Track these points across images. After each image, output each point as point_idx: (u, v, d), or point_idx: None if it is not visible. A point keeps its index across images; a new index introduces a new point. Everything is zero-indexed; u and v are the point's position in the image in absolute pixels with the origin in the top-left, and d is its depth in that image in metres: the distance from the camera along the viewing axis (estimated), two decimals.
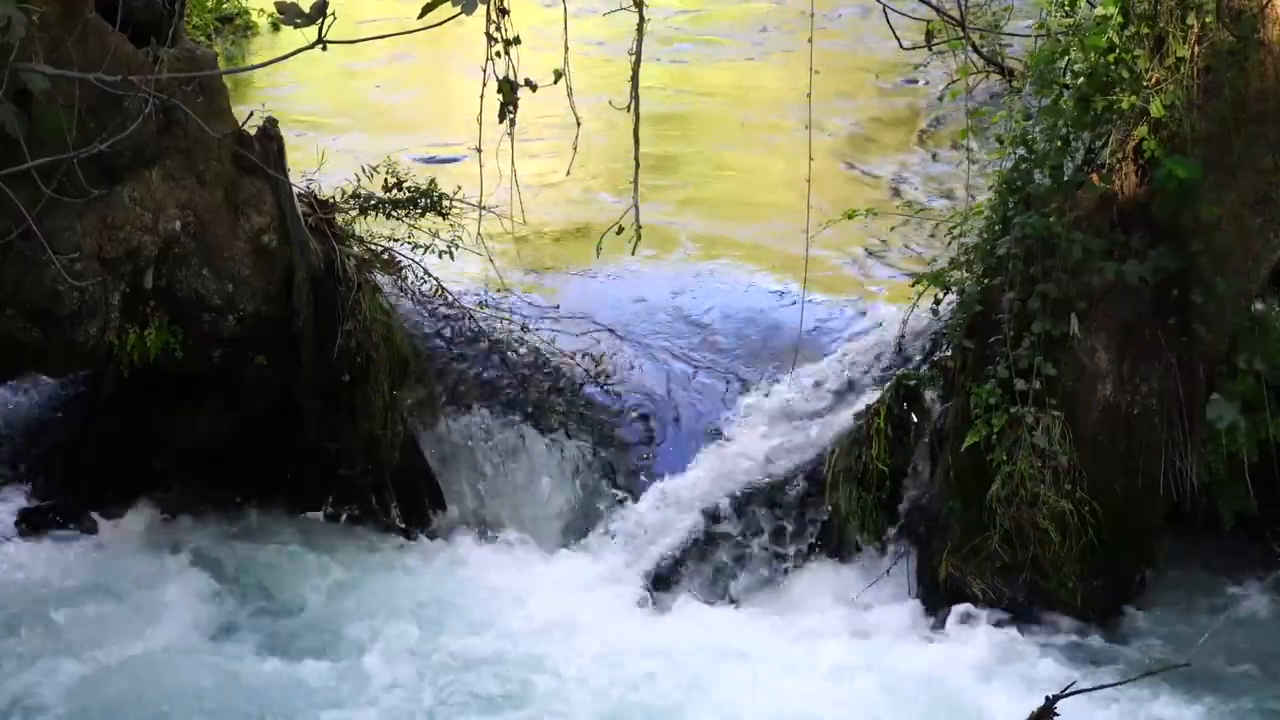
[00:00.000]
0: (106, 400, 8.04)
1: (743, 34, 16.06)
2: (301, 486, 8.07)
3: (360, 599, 7.37)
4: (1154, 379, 7.02)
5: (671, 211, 10.47)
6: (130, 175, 6.99)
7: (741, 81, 14.48)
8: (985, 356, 7.12)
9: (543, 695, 6.66)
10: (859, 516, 7.60)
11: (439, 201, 8.23)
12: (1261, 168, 6.86)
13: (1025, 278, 7.04)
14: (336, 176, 8.32)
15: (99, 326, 6.96)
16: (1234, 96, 6.74)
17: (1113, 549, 7.07)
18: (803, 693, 6.67)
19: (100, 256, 6.90)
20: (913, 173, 11.57)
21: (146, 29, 7.04)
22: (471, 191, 7.32)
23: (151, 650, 6.90)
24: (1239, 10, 6.71)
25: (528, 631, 7.11)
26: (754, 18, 16.59)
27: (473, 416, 8.21)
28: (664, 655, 6.95)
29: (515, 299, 8.85)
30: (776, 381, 8.37)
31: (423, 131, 12.17)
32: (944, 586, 7.20)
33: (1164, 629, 7.11)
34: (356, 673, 6.78)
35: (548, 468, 8.16)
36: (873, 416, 7.67)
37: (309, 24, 3.76)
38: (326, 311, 7.63)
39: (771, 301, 9.15)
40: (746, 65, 15.04)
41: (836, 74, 13.36)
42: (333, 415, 7.79)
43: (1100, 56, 6.92)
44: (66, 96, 6.34)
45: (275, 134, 7.59)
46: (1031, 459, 6.91)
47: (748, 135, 12.53)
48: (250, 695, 6.62)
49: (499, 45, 5.67)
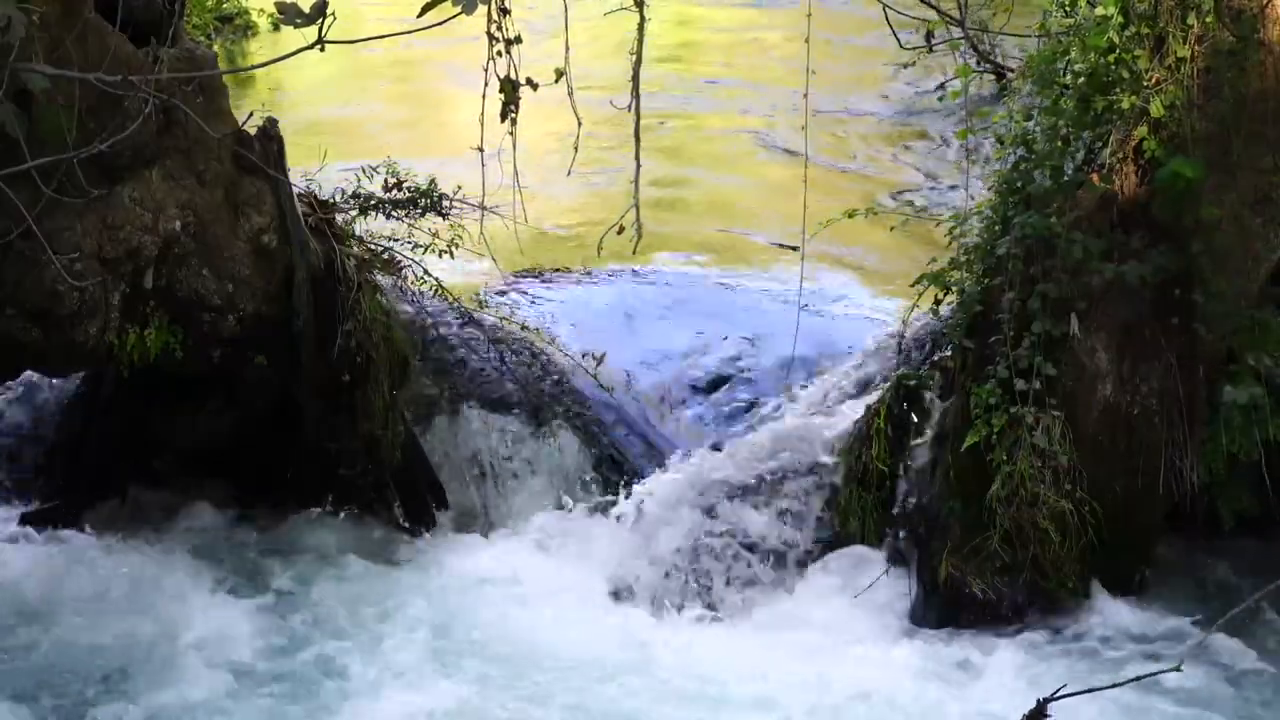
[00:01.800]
0: (106, 400, 8.04)
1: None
2: (302, 486, 8.06)
3: (361, 598, 7.36)
4: (1154, 379, 7.02)
5: (673, 211, 10.49)
6: (130, 175, 6.99)
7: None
8: (985, 356, 7.12)
9: (543, 694, 6.66)
10: (859, 516, 7.60)
11: (439, 201, 8.23)
12: (1261, 168, 6.86)
13: (1025, 278, 7.04)
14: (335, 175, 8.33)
15: (99, 326, 6.96)
16: (1234, 96, 6.74)
17: (1113, 549, 7.06)
18: (801, 693, 6.67)
19: (100, 256, 6.90)
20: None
21: (146, 29, 7.04)
22: (471, 192, 7.32)
23: (151, 650, 6.89)
24: (1239, 10, 6.71)
25: (528, 631, 7.11)
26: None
27: (473, 416, 8.21)
28: (663, 656, 6.95)
29: (515, 298, 8.86)
30: (776, 381, 8.37)
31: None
32: (944, 586, 7.19)
33: (1164, 629, 7.10)
34: (357, 672, 6.78)
35: (548, 467, 8.17)
36: (873, 416, 7.67)
37: (309, 24, 3.76)
38: (326, 311, 7.63)
39: (772, 301, 9.16)
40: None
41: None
42: (333, 415, 7.78)
43: (1100, 56, 6.92)
44: (66, 96, 6.34)
45: (275, 134, 7.59)
46: (1031, 459, 6.91)
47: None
48: (250, 695, 6.62)
49: (499, 45, 5.67)
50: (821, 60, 10.91)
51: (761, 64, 14.87)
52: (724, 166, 12.03)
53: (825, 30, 14.09)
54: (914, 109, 13.11)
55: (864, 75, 13.80)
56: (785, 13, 15.16)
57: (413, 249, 8.27)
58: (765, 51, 14.67)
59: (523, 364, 8.43)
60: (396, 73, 14.97)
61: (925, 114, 12.82)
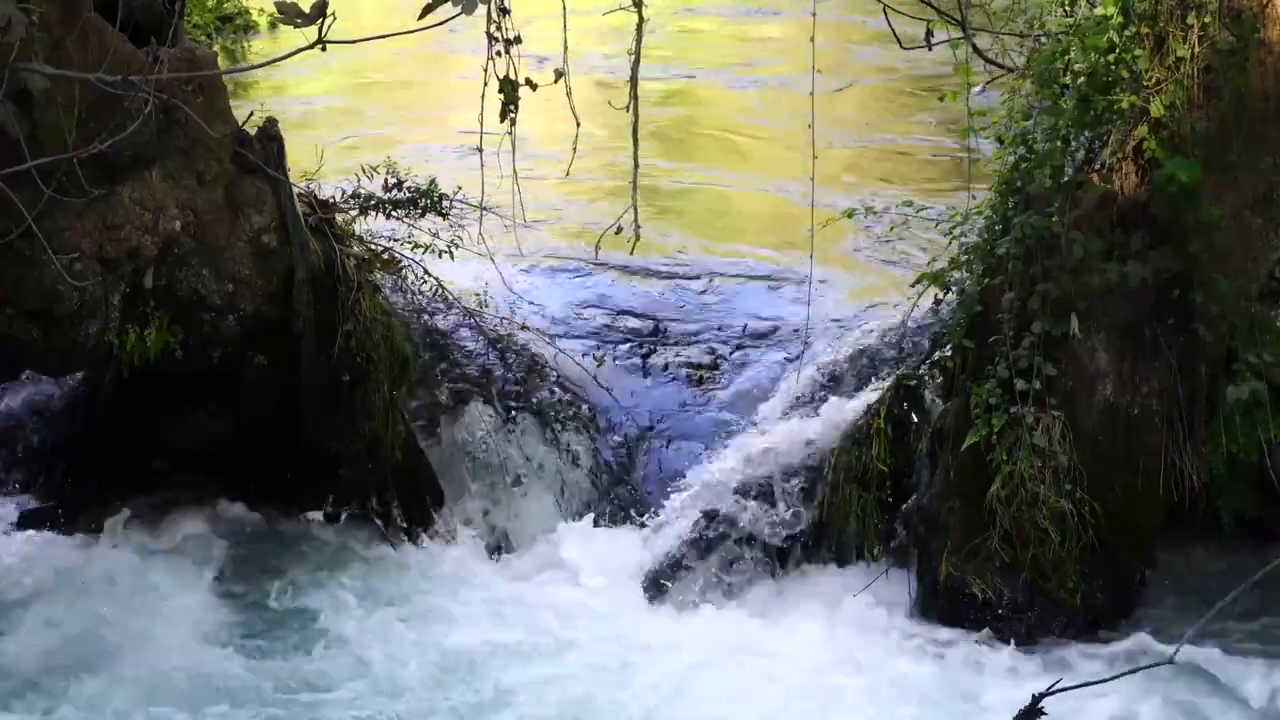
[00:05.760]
0: (106, 400, 8.04)
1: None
2: (302, 486, 8.06)
3: (361, 598, 7.36)
4: (1154, 379, 7.02)
5: (672, 211, 10.48)
6: (130, 175, 6.99)
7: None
8: (985, 356, 7.12)
9: (543, 694, 6.66)
10: (859, 516, 7.60)
11: (439, 201, 8.23)
12: (1261, 168, 6.86)
13: (1025, 278, 7.03)
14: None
15: (99, 326, 6.96)
16: (1234, 96, 6.73)
17: (1113, 549, 7.06)
18: (801, 692, 6.67)
19: (100, 256, 6.90)
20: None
21: (146, 29, 7.04)
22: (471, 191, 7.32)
23: (151, 650, 6.89)
24: (1239, 10, 6.71)
25: (529, 631, 7.11)
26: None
27: (473, 416, 8.21)
28: (664, 655, 6.96)
29: (515, 298, 8.85)
30: (777, 381, 8.37)
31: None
32: (944, 586, 7.20)
33: (1163, 629, 7.10)
34: (357, 672, 6.79)
35: (548, 467, 8.17)
36: (873, 416, 7.68)
37: (309, 24, 3.76)
38: (326, 311, 7.63)
39: (774, 300, 9.15)
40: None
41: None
42: (333, 415, 7.78)
43: (1100, 56, 6.92)
44: (66, 96, 6.34)
45: (275, 134, 7.59)
46: (1031, 459, 6.90)
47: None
48: (251, 695, 6.62)
49: (499, 45, 5.67)
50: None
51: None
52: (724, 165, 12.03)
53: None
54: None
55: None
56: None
57: (413, 249, 8.27)
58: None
59: (522, 363, 8.43)
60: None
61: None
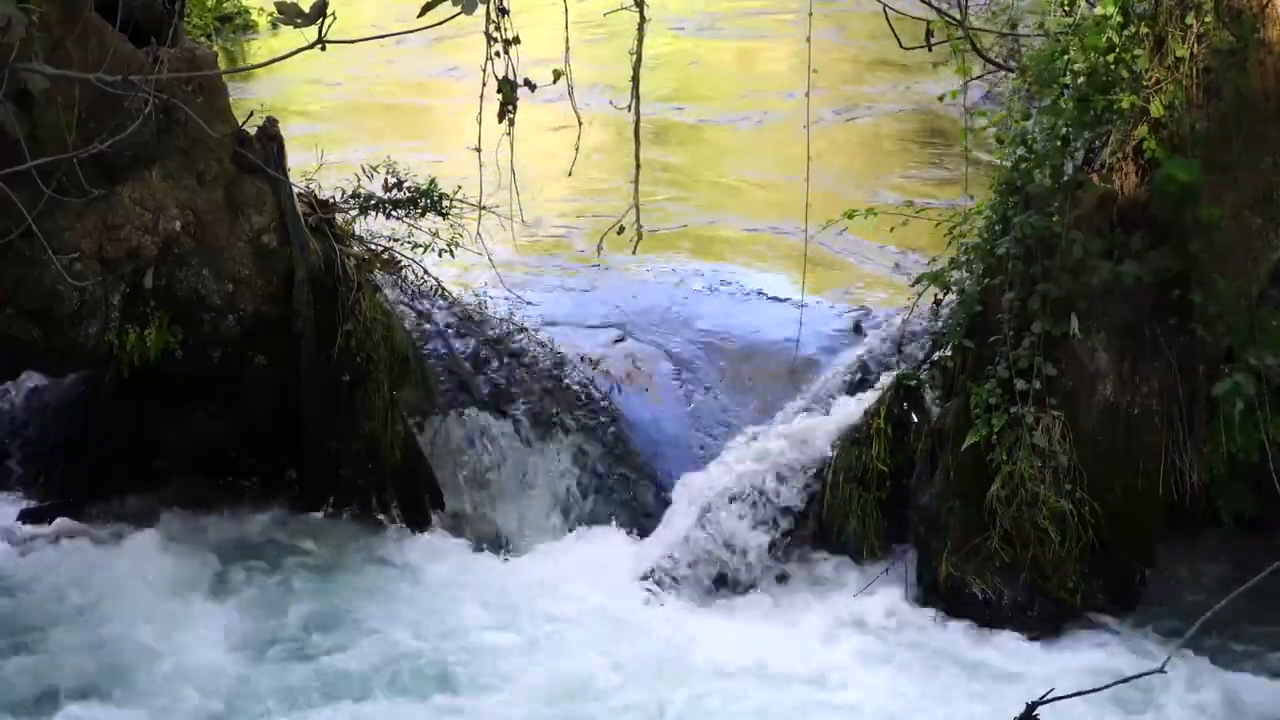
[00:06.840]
0: (106, 400, 8.04)
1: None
2: (302, 486, 8.07)
3: (360, 598, 7.36)
4: (1154, 379, 7.02)
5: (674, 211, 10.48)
6: (130, 175, 6.99)
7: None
8: (985, 356, 7.12)
9: (543, 693, 6.66)
10: (859, 516, 7.60)
11: (439, 201, 8.22)
12: (1261, 168, 6.86)
13: (1025, 278, 7.04)
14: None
15: (99, 326, 6.96)
16: (1234, 96, 6.73)
17: (1113, 549, 7.06)
18: (800, 692, 6.67)
19: (100, 256, 6.90)
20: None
21: (146, 29, 7.04)
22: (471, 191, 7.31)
23: (150, 649, 6.89)
24: (1239, 10, 6.70)
25: (529, 630, 7.11)
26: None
27: (472, 416, 8.21)
28: (664, 654, 6.96)
29: (515, 299, 8.85)
30: (777, 381, 8.37)
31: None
32: (944, 586, 7.20)
33: (1163, 630, 7.10)
34: (357, 671, 6.78)
35: (547, 467, 8.16)
36: (873, 416, 7.67)
37: (309, 24, 3.75)
38: (326, 311, 7.63)
39: (773, 301, 9.15)
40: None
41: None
42: (333, 415, 7.79)
43: (1100, 56, 6.92)
44: (66, 96, 6.34)
45: (275, 134, 7.59)
46: (1031, 459, 6.91)
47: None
48: (251, 694, 6.62)
49: (498, 45, 5.66)
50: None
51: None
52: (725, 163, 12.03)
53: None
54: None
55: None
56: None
57: (413, 249, 8.27)
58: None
59: (521, 364, 8.43)
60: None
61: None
